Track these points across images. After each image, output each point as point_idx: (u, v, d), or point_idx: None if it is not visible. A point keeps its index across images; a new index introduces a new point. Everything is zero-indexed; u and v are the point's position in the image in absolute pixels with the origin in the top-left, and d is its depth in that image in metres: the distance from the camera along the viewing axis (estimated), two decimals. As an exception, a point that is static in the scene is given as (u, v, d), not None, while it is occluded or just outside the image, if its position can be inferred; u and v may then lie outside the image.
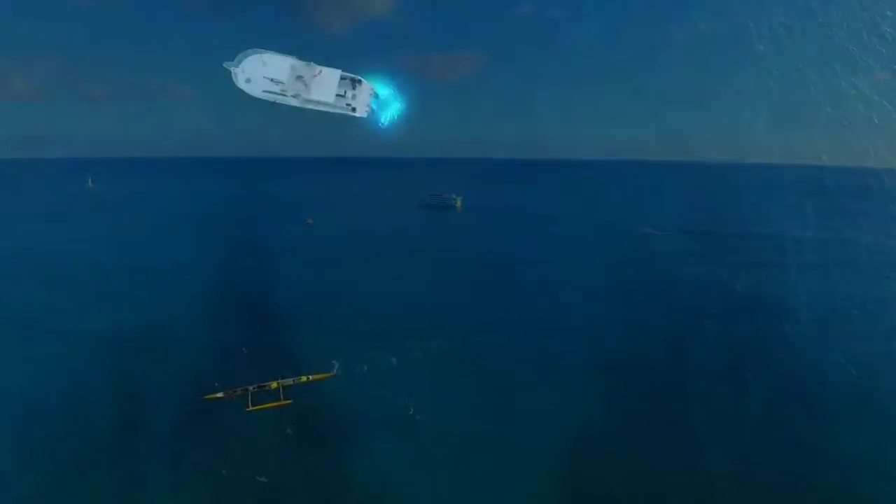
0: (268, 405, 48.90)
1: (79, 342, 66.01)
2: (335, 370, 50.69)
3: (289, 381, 49.86)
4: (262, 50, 57.15)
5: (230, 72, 57.01)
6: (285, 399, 49.05)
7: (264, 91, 57.64)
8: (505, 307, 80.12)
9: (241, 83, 58.10)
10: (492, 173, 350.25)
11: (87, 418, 50.99)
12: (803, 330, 68.56)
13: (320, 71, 56.41)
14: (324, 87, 56.21)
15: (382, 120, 58.52)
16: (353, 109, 57.52)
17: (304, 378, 49.86)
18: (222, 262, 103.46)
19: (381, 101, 57.84)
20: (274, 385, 49.59)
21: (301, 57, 55.45)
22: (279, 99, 57.63)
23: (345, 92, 57.07)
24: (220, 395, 49.49)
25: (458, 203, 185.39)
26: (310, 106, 57.64)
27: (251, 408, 48.70)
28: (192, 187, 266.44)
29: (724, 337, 67.40)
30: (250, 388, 49.45)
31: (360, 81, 57.61)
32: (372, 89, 57.61)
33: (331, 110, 57.56)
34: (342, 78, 55.77)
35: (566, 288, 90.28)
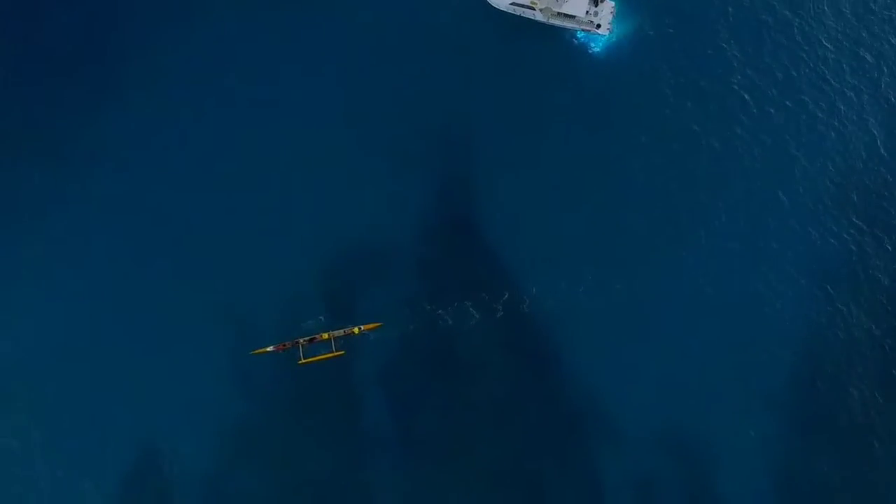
0: (321, 357, 47.85)
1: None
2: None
3: (339, 332, 48.50)
4: None
5: None
6: (338, 350, 48.02)
7: (511, 3, 53.98)
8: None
9: None
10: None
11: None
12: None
13: None
14: (575, 1, 54.13)
15: (614, 36, 55.54)
16: (598, 27, 55.85)
17: (356, 329, 48.53)
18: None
19: (619, 20, 56.48)
20: (325, 336, 48.28)
21: None
22: (526, 13, 54.36)
23: (588, 9, 54.20)
24: (269, 348, 48.13)
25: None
26: (555, 21, 55.22)
27: (303, 360, 47.65)
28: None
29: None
30: (301, 340, 48.12)
31: None
32: (613, 7, 55.19)
33: (576, 26, 55.66)
34: None
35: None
